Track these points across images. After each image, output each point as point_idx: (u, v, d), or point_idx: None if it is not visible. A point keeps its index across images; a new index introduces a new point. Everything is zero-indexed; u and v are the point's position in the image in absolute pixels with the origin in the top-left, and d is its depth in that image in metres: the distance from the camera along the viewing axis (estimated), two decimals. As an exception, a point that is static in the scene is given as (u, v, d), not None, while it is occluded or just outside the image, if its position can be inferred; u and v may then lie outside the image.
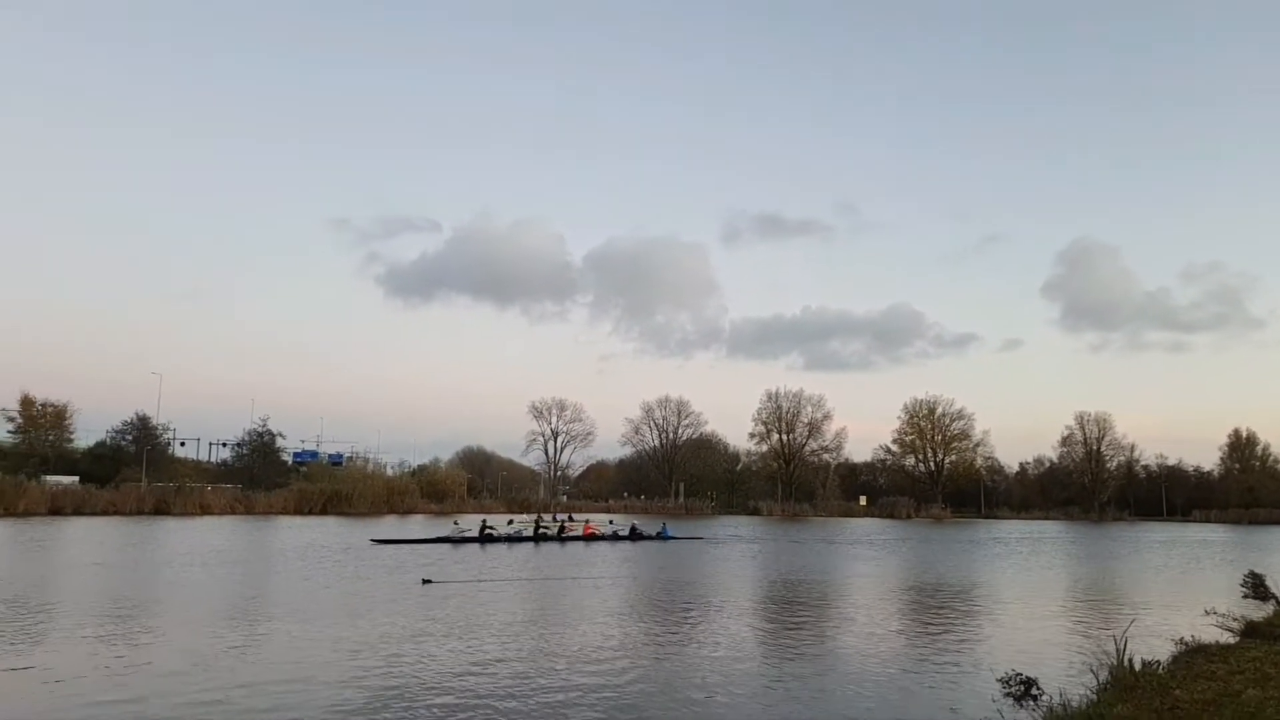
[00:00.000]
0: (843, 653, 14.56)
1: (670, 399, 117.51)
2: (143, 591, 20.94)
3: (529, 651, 13.97)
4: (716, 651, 14.30)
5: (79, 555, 31.27)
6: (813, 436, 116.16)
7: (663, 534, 46.66)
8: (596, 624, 17.19)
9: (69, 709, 10.00)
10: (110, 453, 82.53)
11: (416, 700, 10.60)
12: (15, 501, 60.36)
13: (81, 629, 15.37)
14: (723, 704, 10.84)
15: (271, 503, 72.67)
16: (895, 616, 19.73)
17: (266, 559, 30.56)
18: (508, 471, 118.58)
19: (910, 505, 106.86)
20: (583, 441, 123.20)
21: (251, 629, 15.84)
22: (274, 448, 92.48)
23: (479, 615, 17.74)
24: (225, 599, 19.84)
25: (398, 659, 13.09)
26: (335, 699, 10.57)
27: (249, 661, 12.86)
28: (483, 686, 11.38)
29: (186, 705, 10.19)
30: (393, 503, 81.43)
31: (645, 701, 10.80)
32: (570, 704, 10.55)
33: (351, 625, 16.27)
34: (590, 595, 22.07)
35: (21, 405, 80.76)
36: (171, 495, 68.80)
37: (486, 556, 33.45)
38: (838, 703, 11.06)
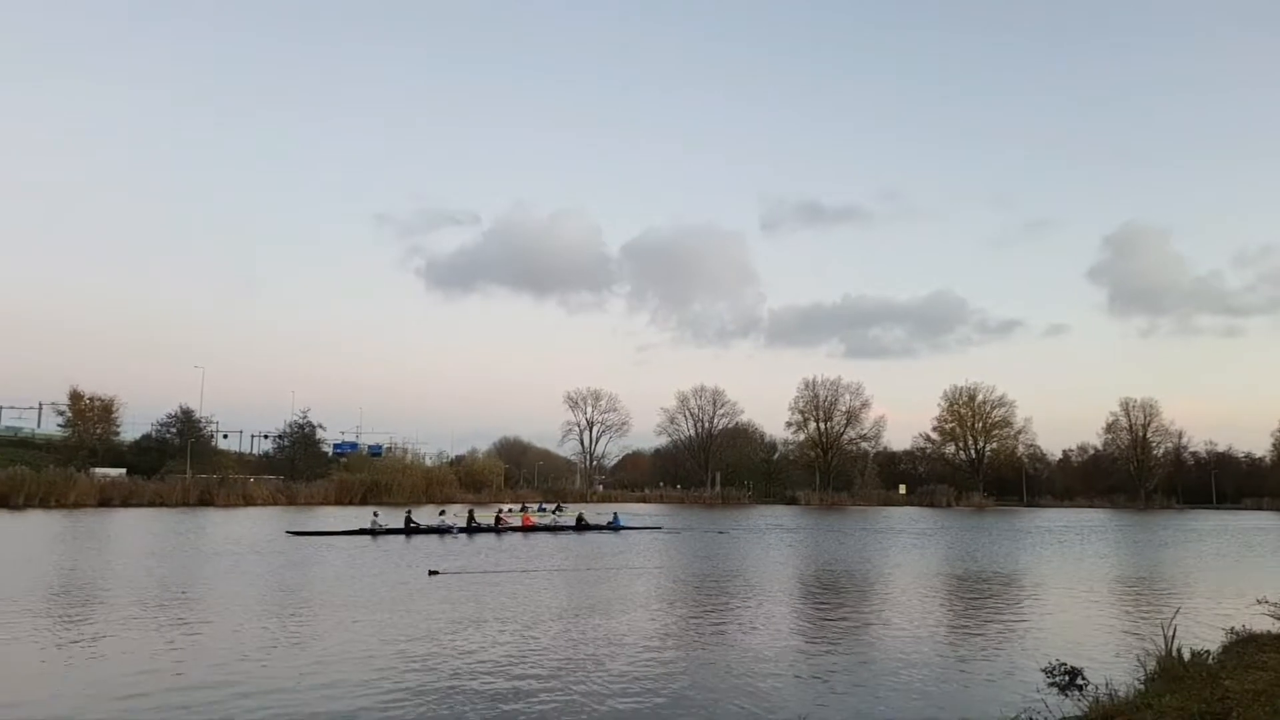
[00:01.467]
0: (884, 642, 14.34)
1: (706, 388, 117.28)
2: (190, 579, 21.26)
3: (567, 639, 13.93)
4: (756, 641, 14.15)
5: (130, 545, 31.92)
6: (851, 425, 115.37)
7: (614, 524, 43.88)
8: (631, 614, 17.11)
9: (119, 693, 10.12)
10: (156, 445, 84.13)
11: (469, 683, 10.62)
12: (66, 493, 61.74)
13: (135, 614, 15.67)
14: (765, 692, 10.69)
15: (312, 494, 73.62)
16: (937, 605, 19.42)
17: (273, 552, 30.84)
18: (544, 461, 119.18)
19: (950, 493, 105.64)
20: (618, 431, 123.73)
21: (295, 618, 16.02)
22: (314, 439, 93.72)
23: (506, 605, 17.69)
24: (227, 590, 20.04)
25: (440, 644, 13.13)
26: (393, 689, 10.61)
27: (299, 650, 12.97)
28: (531, 674, 11.34)
29: (233, 689, 10.30)
30: (431, 493, 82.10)
31: (686, 691, 10.68)
32: (613, 693, 10.47)
33: (378, 614, 16.35)
34: (618, 585, 21.99)
35: (71, 399, 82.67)
36: (215, 487, 69.99)
37: (413, 548, 31.77)
38: (880, 692, 10.87)
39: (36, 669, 11.61)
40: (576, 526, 43.42)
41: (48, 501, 59.73)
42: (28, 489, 60.08)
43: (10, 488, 59.56)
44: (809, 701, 10.20)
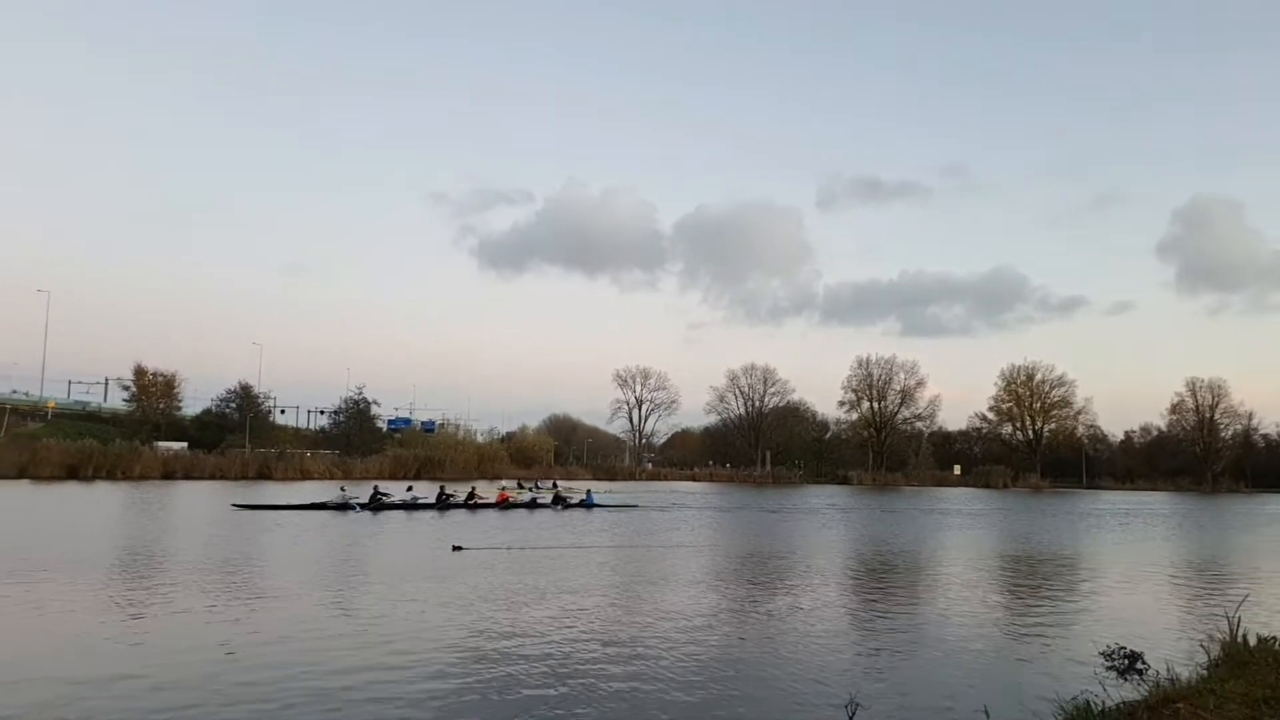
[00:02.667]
0: (936, 623, 13.94)
1: (756, 366, 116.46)
2: (249, 550, 21.67)
3: (609, 617, 13.79)
4: (804, 620, 13.82)
5: (192, 515, 32.82)
6: (905, 404, 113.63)
7: (587, 501, 42.41)
8: (673, 592, 16.94)
9: (179, 661, 10.24)
10: (216, 420, 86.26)
11: (516, 662, 10.58)
12: (131, 466, 63.88)
13: (198, 583, 15.94)
14: (814, 672, 10.45)
15: (367, 468, 74.88)
16: (992, 587, 18.90)
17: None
18: (593, 439, 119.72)
19: (1007, 475, 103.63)
20: (667, 410, 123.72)
21: (333, 589, 16.16)
22: (369, 415, 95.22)
23: (542, 582, 17.54)
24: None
25: (483, 618, 13.11)
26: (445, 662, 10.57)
27: (346, 620, 13.04)
28: (576, 652, 11.22)
29: (283, 660, 10.37)
30: (483, 468, 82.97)
31: (733, 670, 10.47)
32: (658, 671, 10.32)
33: (413, 587, 16.40)
34: (655, 563, 21.83)
35: (135, 375, 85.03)
36: (273, 461, 71.74)
37: (384, 523, 30.88)
38: (932, 673, 10.56)
39: (100, 636, 11.78)
40: (554, 503, 41.48)
41: (114, 474, 61.79)
42: (95, 461, 62.34)
43: (79, 460, 61.85)
44: (859, 681, 9.90)
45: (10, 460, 59.78)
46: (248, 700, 8.61)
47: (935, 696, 9.56)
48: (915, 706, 9.18)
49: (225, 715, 8.19)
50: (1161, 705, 7.64)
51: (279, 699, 8.71)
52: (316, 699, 8.76)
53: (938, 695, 9.62)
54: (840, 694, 8.88)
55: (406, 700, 8.81)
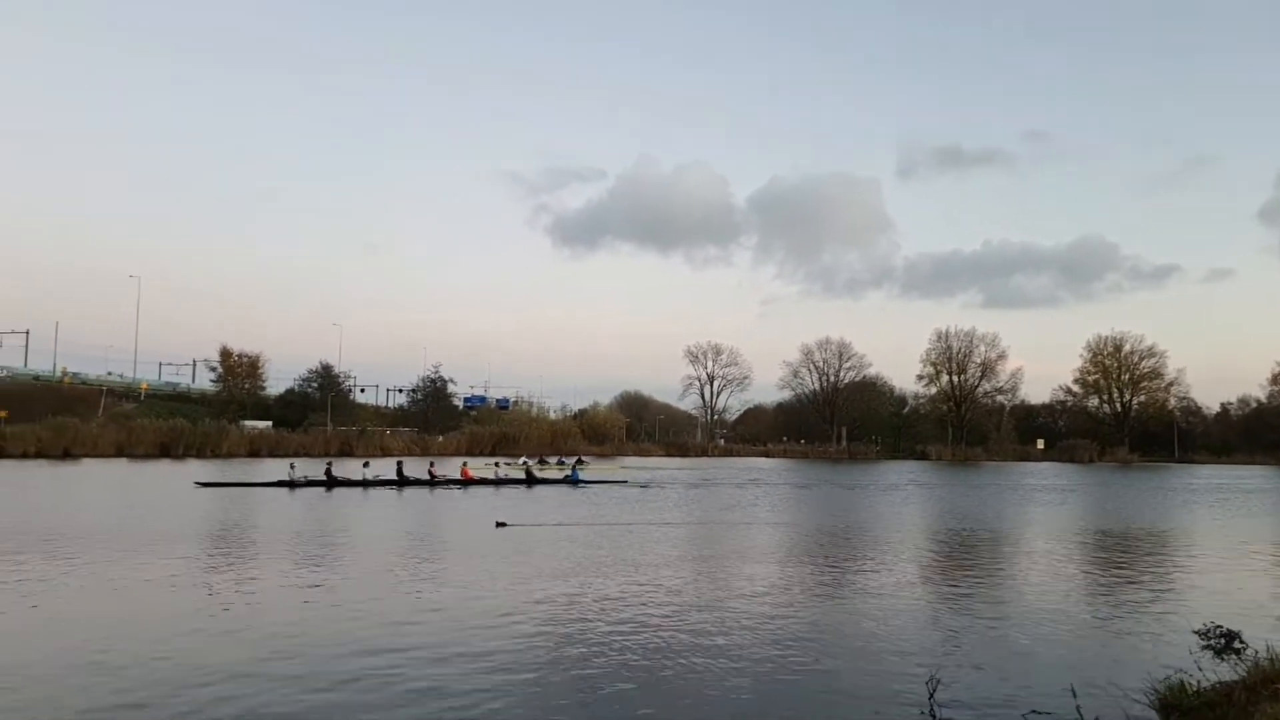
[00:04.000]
0: (1020, 600, 13.40)
1: (831, 340, 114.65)
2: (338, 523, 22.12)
3: (685, 592, 13.60)
4: (884, 597, 13.40)
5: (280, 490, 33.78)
6: (986, 377, 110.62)
7: (571, 477, 40.59)
8: (749, 567, 16.73)
9: (248, 628, 10.42)
10: (299, 399, 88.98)
11: (581, 640, 10.55)
12: (219, 444, 66.35)
13: (287, 554, 16.30)
14: (892, 650, 10.12)
15: (445, 445, 76.27)
16: (1078, 564, 18.18)
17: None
18: (664, 415, 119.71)
19: (1093, 449, 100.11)
20: (739, 385, 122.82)
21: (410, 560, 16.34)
22: (446, 393, 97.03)
23: (606, 558, 17.47)
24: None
25: (558, 593, 13.09)
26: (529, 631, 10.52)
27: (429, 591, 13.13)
28: (657, 624, 11.12)
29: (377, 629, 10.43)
30: (556, 444, 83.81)
31: (806, 648, 10.16)
32: (736, 644, 10.13)
33: (453, 563, 16.45)
34: (731, 539, 21.59)
35: (221, 357, 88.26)
36: (355, 438, 73.65)
37: (336, 500, 29.98)
38: (1016, 651, 10.13)
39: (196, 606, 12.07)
40: (527, 481, 39.10)
41: (203, 451, 64.21)
42: (186, 440, 64.92)
43: (171, 439, 64.51)
44: (940, 658, 9.53)
45: (109, 439, 62.62)
46: (368, 679, 8.62)
47: (1019, 674, 9.13)
48: (998, 684, 8.77)
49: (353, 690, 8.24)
50: (1261, 685, 7.14)
51: (386, 674, 8.76)
52: (414, 668, 8.80)
53: (1022, 673, 9.19)
54: (920, 670, 8.60)
55: (503, 669, 8.81)
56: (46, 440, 59.06)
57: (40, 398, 71.73)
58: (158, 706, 7.49)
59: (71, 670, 8.58)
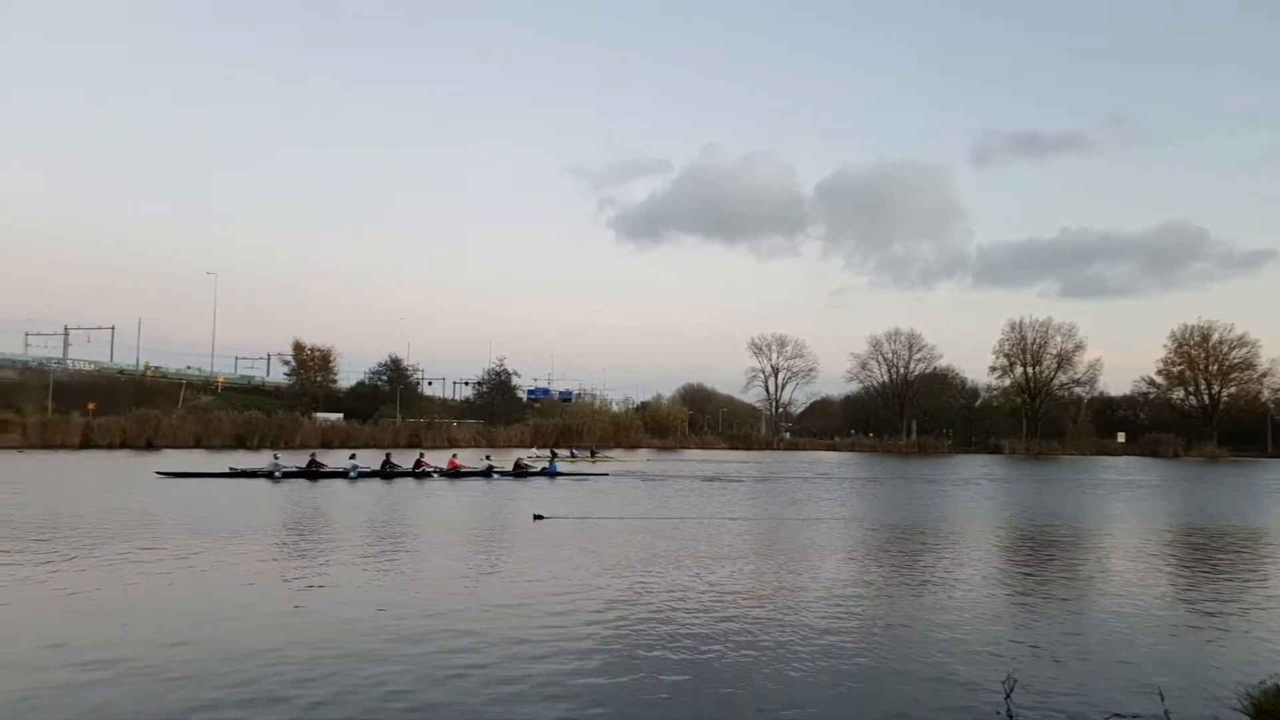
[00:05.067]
0: (1102, 599, 12.69)
1: (900, 332, 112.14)
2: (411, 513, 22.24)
3: (747, 588, 13.23)
4: (959, 595, 12.78)
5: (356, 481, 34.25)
6: (1062, 369, 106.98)
7: (549, 470, 39.03)
8: (818, 562, 16.31)
9: (338, 624, 10.39)
10: (369, 392, 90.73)
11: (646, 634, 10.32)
12: (293, 435, 67.88)
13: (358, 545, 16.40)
14: (969, 648, 9.66)
15: (510, 437, 76.89)
16: (1164, 562, 17.21)
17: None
18: (728, 408, 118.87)
19: (1178, 443, 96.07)
20: (805, 378, 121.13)
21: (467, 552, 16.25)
22: (510, 386, 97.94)
23: (659, 552, 17.16)
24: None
25: (614, 585, 12.85)
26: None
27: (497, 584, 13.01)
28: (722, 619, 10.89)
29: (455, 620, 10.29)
30: (619, 437, 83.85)
31: (882, 644, 9.80)
32: (806, 641, 9.79)
33: (499, 554, 16.23)
34: (797, 533, 21.07)
35: (294, 350, 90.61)
36: (423, 430, 74.74)
37: (321, 491, 28.71)
38: (1098, 653, 9.54)
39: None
40: (515, 473, 37.11)
41: (277, 443, 65.57)
42: (260, 431, 66.58)
43: (246, 430, 66.27)
44: (1018, 658, 9.04)
45: (188, 430, 64.57)
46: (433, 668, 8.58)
47: (1102, 676, 8.55)
48: (1079, 685, 8.24)
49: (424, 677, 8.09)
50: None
51: (462, 663, 8.66)
52: (476, 666, 8.69)
53: (1104, 673, 8.62)
54: (997, 670, 8.18)
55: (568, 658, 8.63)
56: (130, 432, 61.17)
57: (124, 391, 74.48)
58: (233, 698, 7.41)
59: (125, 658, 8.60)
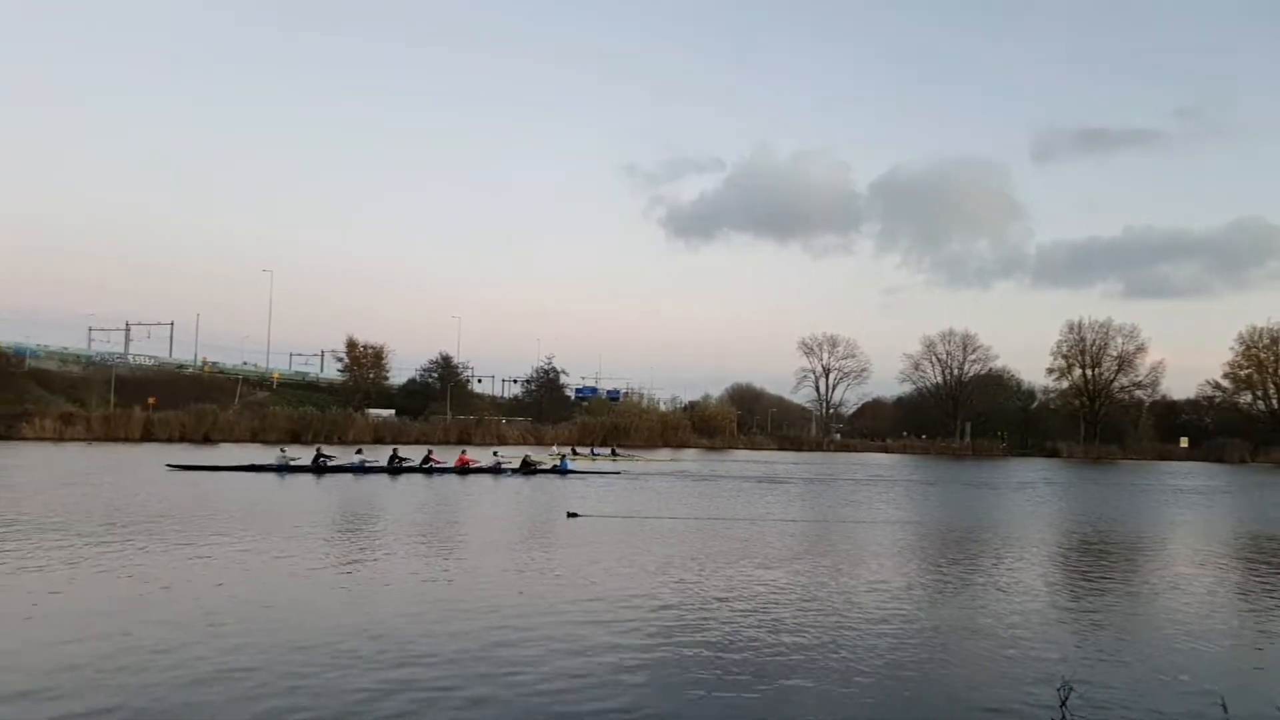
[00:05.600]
0: (1162, 605, 12.32)
1: (954, 332, 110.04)
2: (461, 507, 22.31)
3: (796, 589, 13.04)
4: (1015, 598, 12.38)
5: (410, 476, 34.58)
6: (1122, 371, 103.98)
7: (560, 467, 38.03)
8: (868, 565, 16.03)
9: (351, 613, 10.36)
10: (420, 389, 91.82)
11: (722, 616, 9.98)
12: (346, 431, 68.98)
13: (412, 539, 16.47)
14: (1024, 651, 9.38)
15: (557, 435, 77.15)
16: (1227, 569, 16.59)
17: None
18: (777, 409, 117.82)
19: (1244, 448, 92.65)
20: (856, 379, 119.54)
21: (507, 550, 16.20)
22: (558, 384, 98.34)
23: (700, 552, 16.98)
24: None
25: (660, 586, 12.65)
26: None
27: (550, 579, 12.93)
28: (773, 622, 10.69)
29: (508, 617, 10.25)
30: (666, 436, 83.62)
31: (937, 646, 9.56)
32: (859, 643, 9.56)
33: (564, 553, 16.17)
34: (847, 535, 20.67)
35: (347, 347, 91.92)
36: (472, 427, 75.41)
37: (325, 486, 28.66)
38: (1157, 659, 9.25)
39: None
40: (523, 470, 36.37)
41: (331, 438, 66.65)
42: (314, 427, 67.78)
43: (301, 426, 67.49)
44: (1074, 662, 8.73)
45: (245, 425, 65.97)
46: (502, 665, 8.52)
47: (1161, 683, 8.17)
48: (1137, 693, 7.89)
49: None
50: None
51: (512, 662, 8.58)
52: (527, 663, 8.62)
53: (1164, 682, 8.25)
54: (1052, 674, 7.90)
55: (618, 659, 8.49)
56: (189, 426, 62.67)
57: (184, 386, 76.37)
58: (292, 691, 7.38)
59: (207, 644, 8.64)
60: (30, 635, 8.68)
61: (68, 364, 78.10)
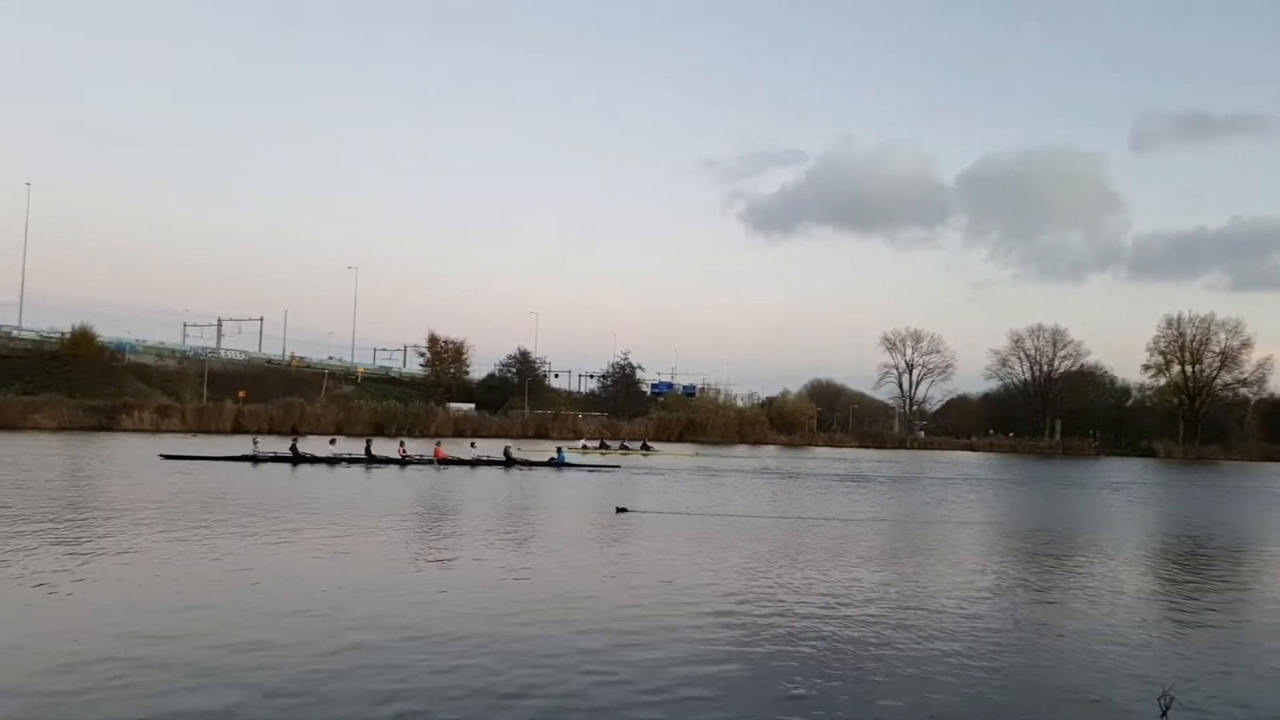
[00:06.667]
0: (1270, 619, 11.26)
1: (1044, 327, 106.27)
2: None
3: (874, 591, 12.57)
4: (1111, 606, 11.63)
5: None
6: (1226, 368, 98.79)
7: (557, 460, 36.42)
8: (960, 566, 15.43)
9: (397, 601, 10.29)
10: (499, 384, 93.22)
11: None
12: (427, 424, 70.42)
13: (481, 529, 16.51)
14: (1122, 661, 8.78)
15: (633, 430, 77.23)
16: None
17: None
18: (858, 405, 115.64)
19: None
20: (940, 375, 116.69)
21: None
22: (635, 379, 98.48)
23: (766, 550, 16.59)
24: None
25: (729, 582, 12.32)
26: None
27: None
28: (853, 625, 10.24)
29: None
30: (744, 433, 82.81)
31: (1030, 653, 9.08)
32: (948, 648, 9.10)
33: (626, 548, 15.84)
34: (929, 535, 19.96)
35: (429, 343, 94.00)
36: (549, 421, 76.05)
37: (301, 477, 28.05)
38: (1268, 672, 8.47)
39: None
40: (506, 462, 35.43)
41: (413, 431, 68.07)
42: (397, 420, 69.40)
43: (385, 419, 69.14)
44: (1176, 674, 7.99)
45: (330, 418, 67.80)
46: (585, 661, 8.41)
47: (1269, 695, 7.50)
48: (1241, 705, 7.30)
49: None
50: None
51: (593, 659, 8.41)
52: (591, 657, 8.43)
53: (1272, 694, 7.55)
54: (1151, 683, 7.41)
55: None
56: (278, 418, 64.74)
57: (272, 380, 79.07)
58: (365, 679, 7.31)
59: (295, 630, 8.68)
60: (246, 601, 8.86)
61: (164, 359, 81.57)
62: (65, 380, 64.70)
